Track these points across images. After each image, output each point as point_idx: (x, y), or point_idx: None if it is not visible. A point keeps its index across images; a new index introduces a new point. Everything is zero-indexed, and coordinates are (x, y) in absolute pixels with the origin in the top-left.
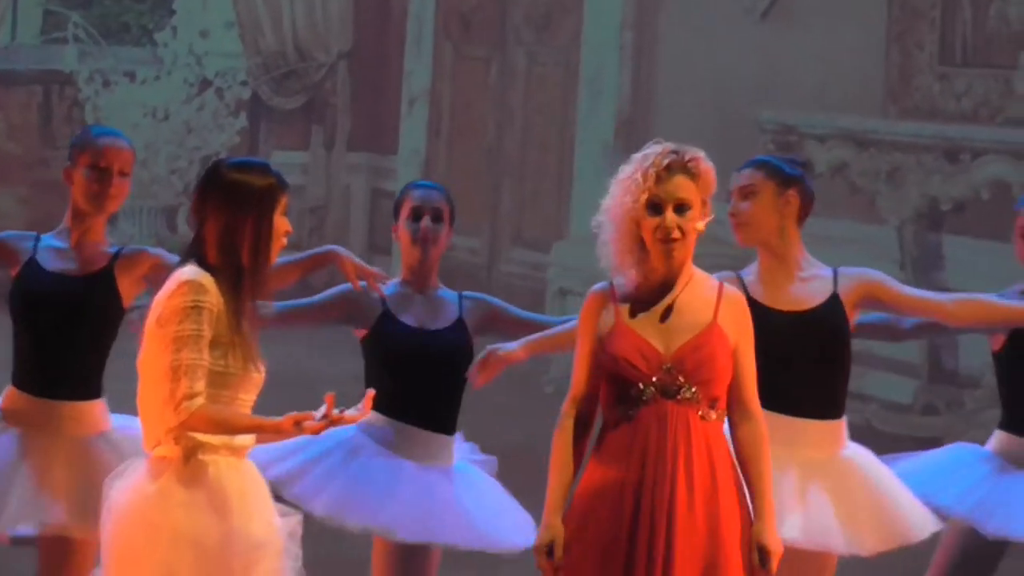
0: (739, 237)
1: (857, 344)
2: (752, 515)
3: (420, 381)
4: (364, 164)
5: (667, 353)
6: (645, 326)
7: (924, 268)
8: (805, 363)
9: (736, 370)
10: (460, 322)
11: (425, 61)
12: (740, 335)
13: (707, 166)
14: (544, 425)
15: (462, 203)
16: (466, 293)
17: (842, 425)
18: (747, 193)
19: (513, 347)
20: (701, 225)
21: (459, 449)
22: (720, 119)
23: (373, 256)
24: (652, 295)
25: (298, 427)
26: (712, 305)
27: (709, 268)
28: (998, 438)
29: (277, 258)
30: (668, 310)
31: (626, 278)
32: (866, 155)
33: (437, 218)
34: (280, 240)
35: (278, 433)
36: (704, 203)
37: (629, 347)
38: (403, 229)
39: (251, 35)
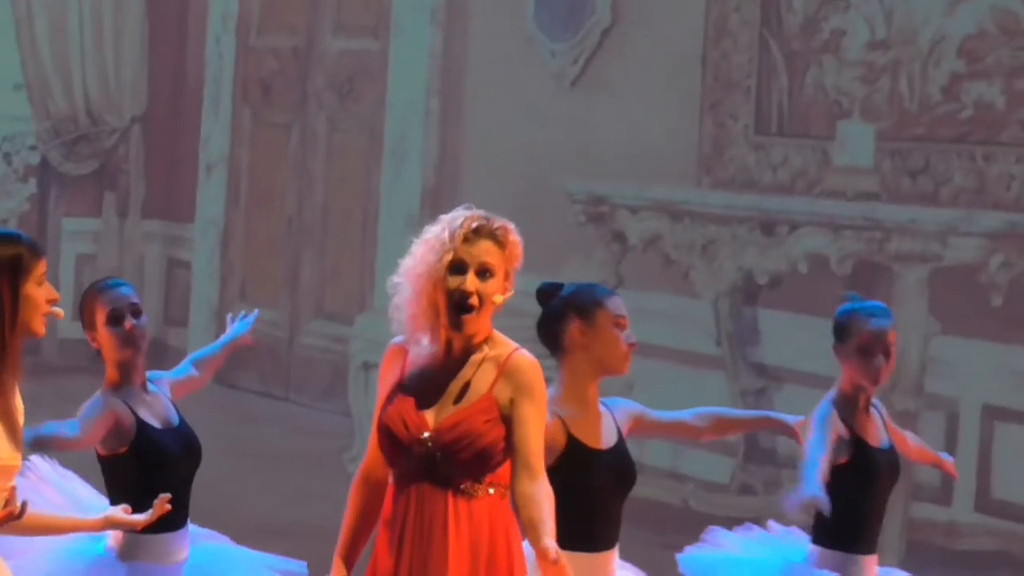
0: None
1: None
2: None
3: (183, 482)
4: (159, 233)
5: (433, 426)
6: (422, 393)
7: (739, 343)
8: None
9: (516, 433)
10: (176, 409)
11: (223, 126)
12: (521, 397)
13: (516, 238)
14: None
15: (261, 274)
16: (154, 374)
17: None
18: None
19: None
20: (499, 299)
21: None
22: (530, 188)
23: (169, 329)
24: (440, 361)
25: None
26: (492, 374)
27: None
28: (817, 554)
29: (44, 328)
30: (448, 380)
31: (414, 341)
32: (680, 227)
33: (137, 313)
34: (40, 309)
35: None
36: (508, 275)
37: (395, 414)
38: (105, 334)
39: (40, 98)
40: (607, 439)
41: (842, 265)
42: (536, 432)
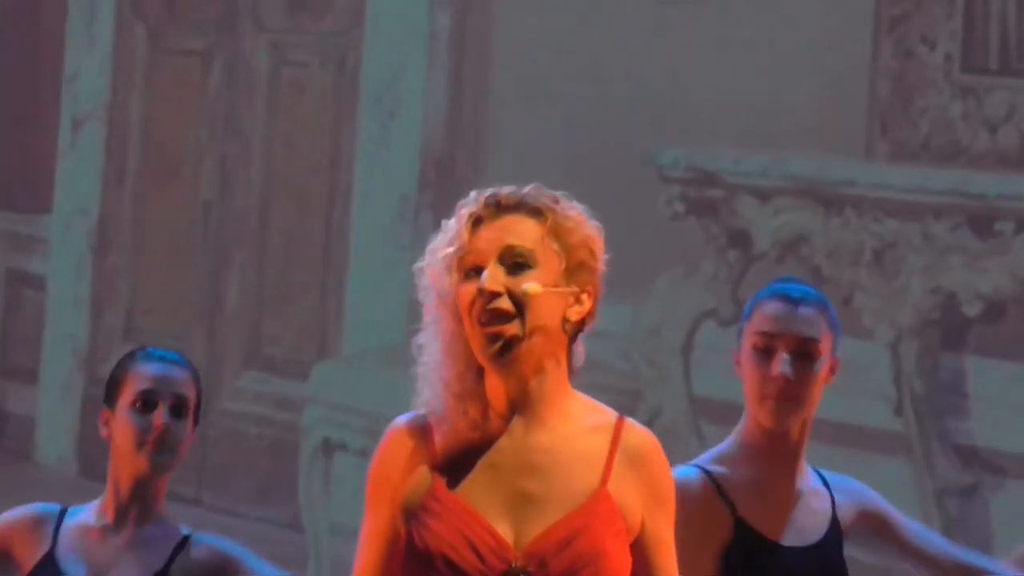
0: (778, 417)
1: None
2: None
3: None
4: None
5: (518, 545)
6: (483, 496)
7: (935, 411)
8: None
9: (653, 563)
10: None
11: (100, 55)
12: (655, 504)
13: (570, 206)
14: None
15: (161, 296)
16: (200, 537)
17: None
18: (810, 349)
19: None
20: (536, 289)
21: None
22: (596, 159)
23: (8, 385)
24: (497, 441)
25: None
26: (601, 458)
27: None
28: None
29: None
30: (523, 469)
31: (453, 412)
32: (837, 222)
33: (180, 409)
34: None
35: None
36: (572, 267)
37: (453, 533)
38: (122, 421)
39: None
40: (804, 530)
41: None
42: (673, 559)
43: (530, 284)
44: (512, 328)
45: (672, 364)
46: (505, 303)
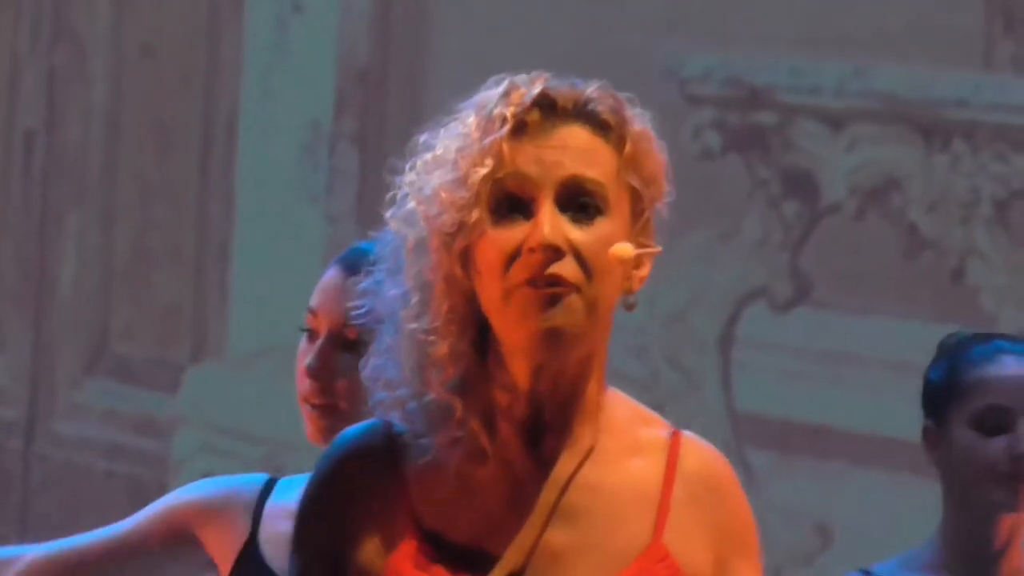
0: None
1: None
2: None
3: None
4: None
5: None
6: (489, 552)
7: None
8: None
9: None
10: None
11: None
12: (729, 554)
13: (638, 115)
14: None
15: None
16: None
17: None
18: None
19: None
20: (626, 251)
21: None
22: (587, 69)
23: None
24: (508, 461)
25: None
26: (653, 493)
27: None
28: None
29: None
30: (548, 512)
31: (432, 419)
32: (943, 161)
33: (335, 337)
34: None
35: None
36: (641, 206)
37: None
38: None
39: None
40: None
41: None
42: None
43: (622, 245)
44: (574, 294)
45: (705, 366)
46: (570, 269)
